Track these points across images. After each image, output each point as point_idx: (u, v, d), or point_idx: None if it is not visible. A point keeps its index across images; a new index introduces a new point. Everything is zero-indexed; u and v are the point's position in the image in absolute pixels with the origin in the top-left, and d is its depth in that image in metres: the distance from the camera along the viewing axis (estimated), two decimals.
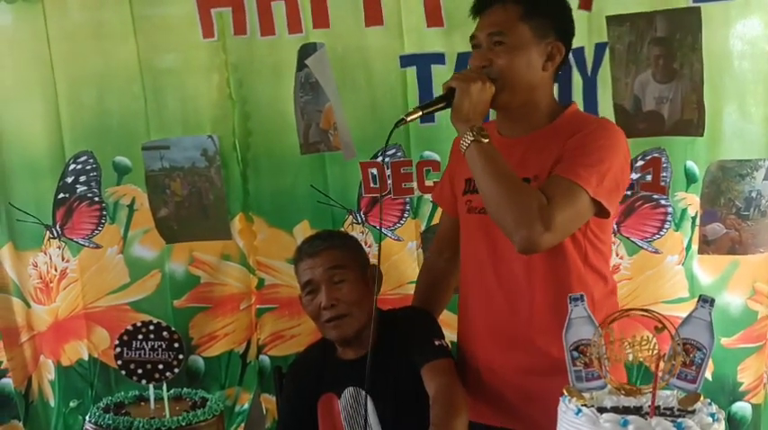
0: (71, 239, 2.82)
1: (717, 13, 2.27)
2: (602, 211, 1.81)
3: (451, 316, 2.34)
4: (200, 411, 2.48)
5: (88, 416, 2.54)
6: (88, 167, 2.77)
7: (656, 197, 2.44)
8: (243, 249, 2.79)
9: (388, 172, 2.62)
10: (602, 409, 1.48)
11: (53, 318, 2.84)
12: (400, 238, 2.67)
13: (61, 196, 2.79)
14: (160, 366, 2.49)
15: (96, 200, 2.79)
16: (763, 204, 2.33)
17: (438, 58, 2.52)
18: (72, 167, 2.77)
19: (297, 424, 2.20)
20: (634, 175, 2.36)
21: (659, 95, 2.35)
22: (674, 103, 2.34)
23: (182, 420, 2.42)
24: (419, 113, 1.87)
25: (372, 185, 2.65)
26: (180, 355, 2.50)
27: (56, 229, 2.81)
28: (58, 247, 2.82)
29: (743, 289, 2.40)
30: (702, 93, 2.29)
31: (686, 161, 2.40)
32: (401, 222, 2.66)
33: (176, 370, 2.51)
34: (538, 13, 1.85)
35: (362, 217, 2.70)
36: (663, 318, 1.50)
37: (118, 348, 2.50)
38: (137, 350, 2.49)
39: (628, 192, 2.32)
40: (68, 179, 2.78)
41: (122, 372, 2.50)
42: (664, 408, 1.50)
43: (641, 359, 1.55)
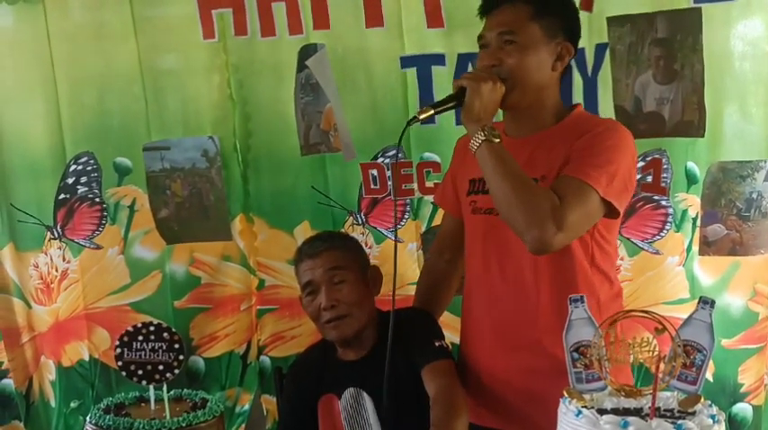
0: (72, 240, 2.82)
1: (718, 13, 2.27)
2: (611, 212, 1.80)
3: (452, 317, 2.34)
4: (201, 412, 2.48)
5: (89, 417, 2.54)
6: (89, 168, 2.78)
7: (656, 198, 2.44)
8: (243, 250, 2.79)
9: (388, 173, 2.62)
10: (602, 411, 1.48)
11: (54, 318, 2.85)
12: (400, 240, 2.67)
13: (62, 197, 2.79)
14: (160, 367, 2.49)
15: (97, 200, 2.79)
16: (764, 205, 2.33)
17: (438, 59, 2.52)
18: (73, 168, 2.77)
19: (297, 424, 2.19)
20: None
21: (660, 96, 2.35)
22: (675, 103, 2.33)
23: (182, 421, 2.42)
24: (431, 112, 1.85)
25: (373, 186, 2.65)
26: (180, 356, 2.50)
27: (57, 230, 2.81)
28: (58, 248, 2.82)
29: (743, 290, 2.40)
30: (703, 94, 2.29)
31: (687, 162, 2.40)
32: (401, 223, 2.65)
33: (177, 371, 2.50)
34: (548, 13, 1.84)
35: (363, 218, 2.69)
36: (663, 320, 1.50)
37: (118, 349, 2.50)
38: (137, 351, 2.49)
39: None
40: (69, 180, 2.78)
41: (123, 373, 2.50)
42: (664, 410, 1.50)
43: (641, 360, 1.55)
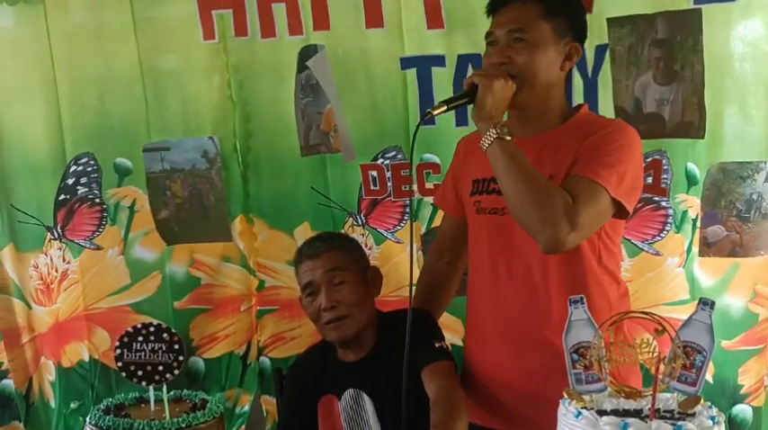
0: (72, 241, 2.81)
1: (718, 14, 2.27)
2: (620, 212, 1.80)
3: (452, 318, 2.34)
4: (201, 413, 2.47)
5: (88, 418, 2.54)
6: (89, 169, 2.77)
7: (656, 199, 2.44)
8: (243, 251, 2.79)
9: (388, 174, 2.62)
10: (601, 412, 1.48)
11: (54, 319, 2.84)
12: (400, 241, 2.67)
13: (62, 197, 2.79)
14: (160, 368, 2.48)
15: (97, 201, 2.79)
16: (764, 206, 2.33)
17: (438, 60, 2.51)
18: (73, 169, 2.77)
19: (297, 425, 2.20)
20: None
21: (660, 97, 2.35)
22: (675, 104, 2.33)
23: (182, 422, 2.41)
24: (444, 108, 1.84)
25: (372, 188, 2.65)
26: (180, 357, 2.50)
27: (57, 231, 2.81)
28: (58, 249, 2.82)
29: (743, 291, 2.40)
30: (703, 95, 2.29)
31: (687, 163, 2.39)
32: (401, 225, 2.65)
33: (176, 371, 2.50)
34: (558, 13, 1.85)
35: (363, 219, 2.69)
36: (663, 321, 1.50)
37: (118, 350, 2.49)
38: (137, 352, 2.48)
39: None
40: (69, 180, 2.78)
41: (123, 374, 2.50)
42: (664, 411, 1.50)
43: (641, 361, 1.55)
